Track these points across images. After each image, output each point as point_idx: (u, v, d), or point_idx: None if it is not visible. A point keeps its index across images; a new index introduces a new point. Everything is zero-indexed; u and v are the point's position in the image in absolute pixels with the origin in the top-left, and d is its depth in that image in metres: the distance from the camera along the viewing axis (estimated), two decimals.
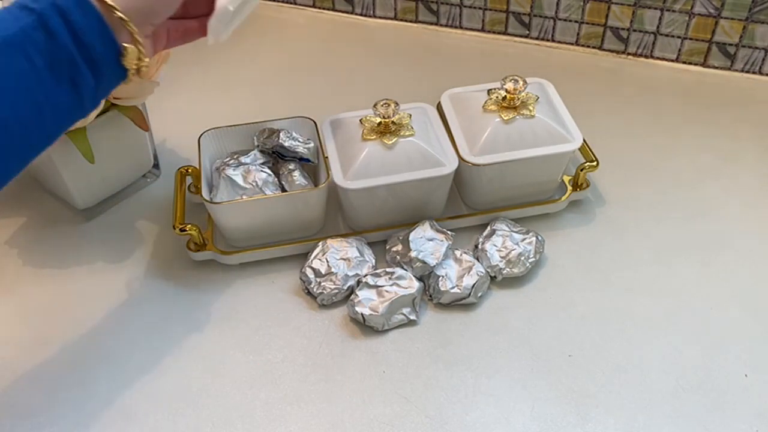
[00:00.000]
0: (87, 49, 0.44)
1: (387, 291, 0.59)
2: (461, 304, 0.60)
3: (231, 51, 0.92)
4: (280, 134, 0.66)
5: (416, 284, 0.59)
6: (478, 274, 0.60)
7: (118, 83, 0.47)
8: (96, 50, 0.44)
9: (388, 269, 0.60)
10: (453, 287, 0.60)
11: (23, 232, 0.69)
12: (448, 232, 0.62)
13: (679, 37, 0.84)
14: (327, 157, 0.64)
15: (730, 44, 0.83)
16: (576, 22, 0.87)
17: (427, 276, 0.61)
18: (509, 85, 0.64)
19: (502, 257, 0.62)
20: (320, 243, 0.63)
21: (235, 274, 0.64)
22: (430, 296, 0.61)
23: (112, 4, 0.44)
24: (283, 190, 0.64)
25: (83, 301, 0.63)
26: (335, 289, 0.60)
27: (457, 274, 0.60)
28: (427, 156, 0.62)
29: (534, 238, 0.63)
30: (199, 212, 0.68)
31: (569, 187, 0.68)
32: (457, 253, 0.62)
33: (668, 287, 0.62)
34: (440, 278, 0.60)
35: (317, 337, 0.59)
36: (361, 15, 0.96)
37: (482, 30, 0.92)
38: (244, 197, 0.62)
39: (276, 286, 0.63)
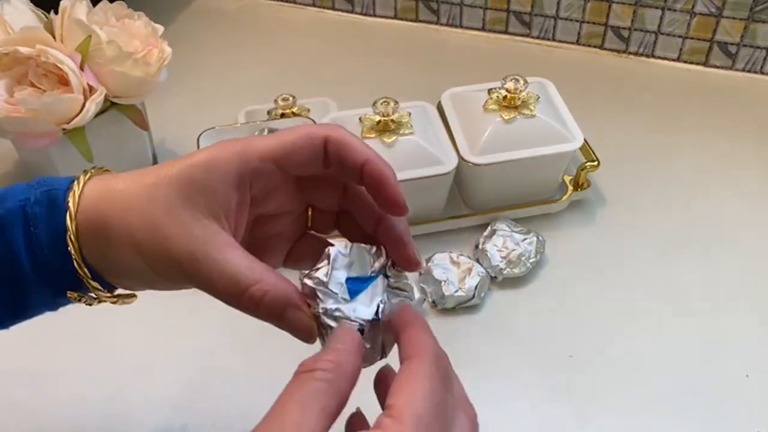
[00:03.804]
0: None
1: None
2: (465, 306, 0.60)
3: (230, 50, 0.92)
4: None
5: (416, 293, 0.59)
6: (479, 275, 0.60)
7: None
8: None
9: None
10: (456, 290, 0.59)
11: None
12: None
13: (680, 36, 0.84)
14: None
15: (732, 44, 0.82)
16: (577, 21, 0.87)
17: (428, 283, 0.61)
18: (510, 85, 0.64)
19: (502, 257, 0.61)
20: None
21: None
22: (434, 302, 0.60)
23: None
24: None
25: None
26: None
27: (458, 277, 0.60)
28: (427, 155, 0.62)
29: (535, 239, 0.63)
30: None
31: (570, 187, 0.68)
32: (453, 255, 0.61)
33: (669, 287, 0.62)
34: (442, 283, 0.60)
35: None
36: (361, 14, 0.96)
37: (483, 29, 0.92)
38: None
39: None
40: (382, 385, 0.38)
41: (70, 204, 0.37)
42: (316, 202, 0.42)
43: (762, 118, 0.79)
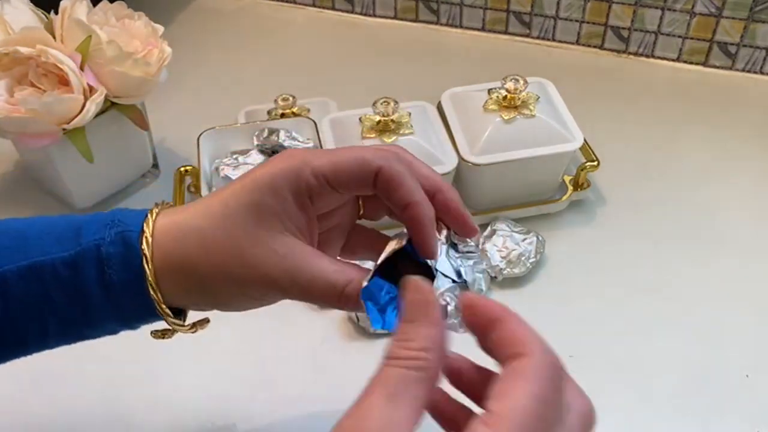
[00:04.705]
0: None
1: None
2: None
3: (230, 50, 0.92)
4: (280, 134, 0.66)
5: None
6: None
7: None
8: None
9: None
10: None
11: None
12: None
13: (680, 36, 0.84)
14: None
15: (732, 44, 0.82)
16: (577, 21, 0.87)
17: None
18: (510, 85, 0.64)
19: (502, 257, 0.61)
20: None
21: None
22: None
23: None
24: None
25: None
26: None
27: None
28: (427, 155, 0.62)
29: (534, 239, 0.63)
30: None
31: (570, 187, 0.68)
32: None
33: (669, 287, 0.62)
34: None
35: (317, 337, 0.59)
36: (361, 14, 0.96)
37: (482, 29, 0.92)
38: None
39: None
40: (462, 379, 0.36)
41: (145, 249, 0.38)
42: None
43: (762, 118, 0.78)
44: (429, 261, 0.39)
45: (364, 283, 0.37)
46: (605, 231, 0.67)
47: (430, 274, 0.39)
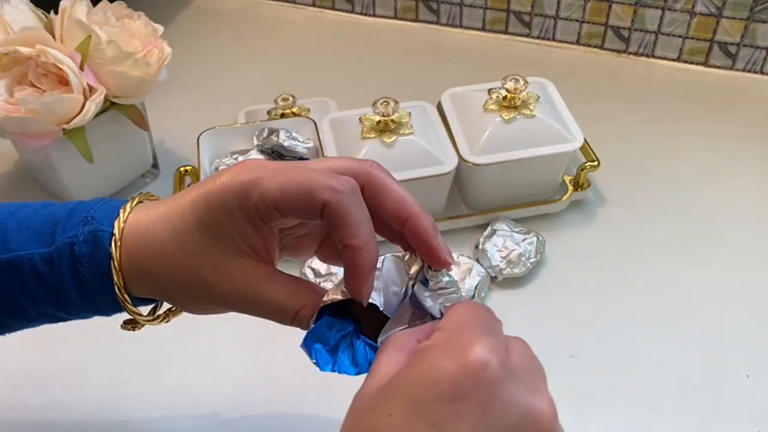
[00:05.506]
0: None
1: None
2: None
3: (230, 50, 0.92)
4: (280, 134, 0.66)
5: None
6: (479, 275, 0.60)
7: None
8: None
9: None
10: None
11: None
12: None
13: (680, 36, 0.84)
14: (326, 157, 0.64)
15: (732, 44, 0.82)
16: (577, 21, 0.87)
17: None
18: (510, 85, 0.64)
19: (502, 257, 0.61)
20: None
21: None
22: None
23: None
24: None
25: None
26: None
27: (458, 277, 0.60)
28: (427, 154, 0.62)
29: (535, 239, 0.63)
30: None
31: (570, 187, 0.68)
32: (453, 255, 0.61)
33: (669, 287, 0.62)
34: None
35: None
36: (361, 14, 0.96)
37: (483, 29, 0.92)
38: None
39: None
40: None
41: (113, 251, 0.38)
42: None
43: (762, 117, 0.78)
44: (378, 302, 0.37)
45: (311, 325, 0.36)
46: (605, 231, 0.67)
47: (383, 314, 0.37)
